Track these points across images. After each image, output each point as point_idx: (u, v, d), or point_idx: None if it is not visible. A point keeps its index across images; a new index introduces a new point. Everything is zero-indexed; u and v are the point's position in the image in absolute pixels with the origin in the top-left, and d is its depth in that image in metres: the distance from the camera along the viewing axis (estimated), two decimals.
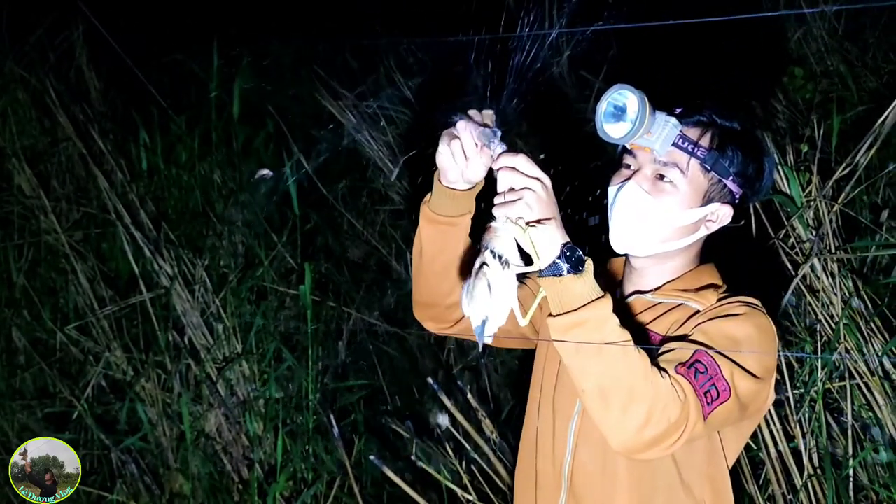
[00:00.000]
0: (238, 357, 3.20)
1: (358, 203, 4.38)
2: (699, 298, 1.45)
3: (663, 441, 1.20)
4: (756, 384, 1.31)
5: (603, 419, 1.22)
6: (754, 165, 1.45)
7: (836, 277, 2.46)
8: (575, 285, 1.20)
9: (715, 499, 1.45)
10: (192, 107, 4.06)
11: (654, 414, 1.17)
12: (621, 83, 1.35)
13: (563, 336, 1.21)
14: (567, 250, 1.20)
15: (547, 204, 1.21)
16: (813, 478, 2.31)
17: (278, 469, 2.96)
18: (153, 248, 3.30)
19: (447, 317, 1.56)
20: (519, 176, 1.22)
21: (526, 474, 1.57)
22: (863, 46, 3.84)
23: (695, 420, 1.21)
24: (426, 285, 1.53)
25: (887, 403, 2.35)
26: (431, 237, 1.45)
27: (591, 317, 1.19)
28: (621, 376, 1.19)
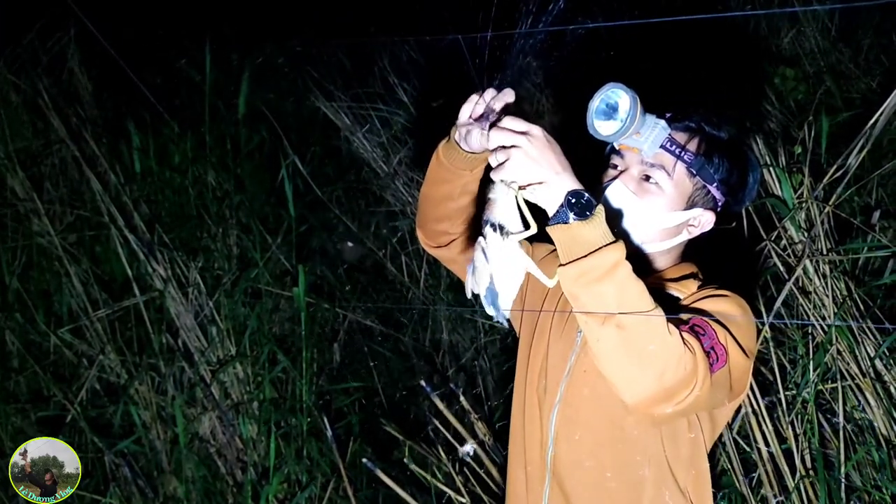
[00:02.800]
0: (232, 359, 3.20)
1: (353, 205, 4.38)
2: (681, 287, 1.47)
3: (677, 394, 1.17)
4: (745, 360, 1.33)
5: (619, 370, 1.18)
6: (739, 174, 1.48)
7: (828, 279, 2.47)
8: (583, 231, 1.17)
9: (696, 485, 1.46)
10: (185, 109, 4.06)
11: (671, 364, 1.15)
12: (615, 82, 1.36)
13: (575, 286, 1.17)
14: (572, 196, 1.17)
15: (540, 157, 1.20)
16: (805, 479, 2.32)
17: (272, 471, 2.96)
18: (147, 251, 3.30)
19: (433, 238, 1.67)
20: (507, 135, 1.21)
21: (517, 462, 1.58)
22: (855, 48, 3.85)
23: (703, 376, 1.18)
24: (424, 202, 1.62)
25: (879, 405, 2.35)
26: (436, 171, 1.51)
27: (601, 263, 1.15)
28: (638, 325, 1.14)
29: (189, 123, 3.89)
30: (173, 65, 4.32)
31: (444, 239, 1.64)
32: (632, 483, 1.43)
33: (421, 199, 1.62)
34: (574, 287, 1.17)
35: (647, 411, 1.20)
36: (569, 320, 1.53)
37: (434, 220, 1.61)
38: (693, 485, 1.46)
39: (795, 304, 2.54)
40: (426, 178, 1.56)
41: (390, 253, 4.12)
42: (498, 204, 1.21)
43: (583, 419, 1.46)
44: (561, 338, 1.52)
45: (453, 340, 3.90)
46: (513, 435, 1.62)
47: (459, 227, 1.61)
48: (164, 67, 4.33)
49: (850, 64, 3.81)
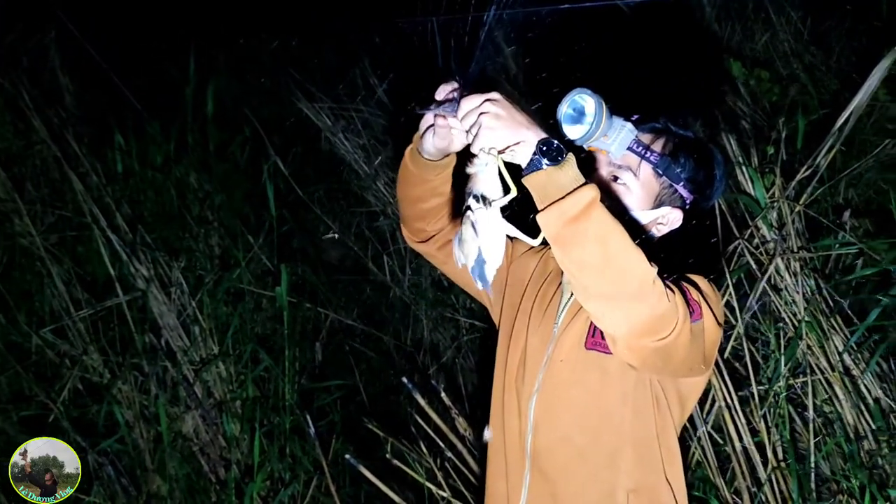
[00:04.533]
0: (215, 358, 3.22)
1: (334, 205, 4.41)
2: None
3: (660, 329, 1.21)
4: (716, 328, 1.38)
5: (603, 303, 1.23)
6: (705, 173, 1.53)
7: (799, 276, 2.53)
8: (557, 175, 1.21)
9: (669, 462, 1.52)
10: (167, 109, 4.07)
11: (655, 292, 1.19)
12: (581, 87, 1.41)
13: (555, 227, 1.20)
14: (543, 144, 1.22)
15: (506, 115, 1.25)
16: (777, 470, 2.38)
17: (255, 469, 2.98)
18: (129, 251, 3.30)
19: (416, 234, 1.72)
20: (470, 113, 1.28)
21: (496, 451, 1.62)
22: (826, 51, 3.94)
23: (683, 317, 1.23)
24: (401, 201, 1.68)
25: (847, 398, 2.42)
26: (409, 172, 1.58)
27: (578, 201, 1.19)
28: (619, 257, 1.19)
29: (171, 124, 3.90)
30: (156, 65, 4.32)
31: (423, 235, 1.71)
32: (609, 462, 1.49)
33: (398, 199, 1.70)
34: (554, 229, 1.21)
35: (634, 343, 1.24)
36: (546, 313, 1.57)
37: (411, 219, 1.69)
38: (665, 461, 1.51)
39: (768, 301, 2.60)
40: (399, 181, 1.63)
41: (371, 252, 4.15)
42: (479, 176, 1.26)
43: (561, 406, 1.51)
44: (539, 330, 1.57)
45: (434, 339, 3.94)
46: (492, 425, 1.66)
47: (435, 225, 1.67)
48: (147, 68, 4.34)
49: (823, 67, 3.90)
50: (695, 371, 1.45)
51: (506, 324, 1.68)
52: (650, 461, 1.51)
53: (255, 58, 4.64)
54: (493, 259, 1.28)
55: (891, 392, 2.44)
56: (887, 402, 2.42)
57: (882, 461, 2.32)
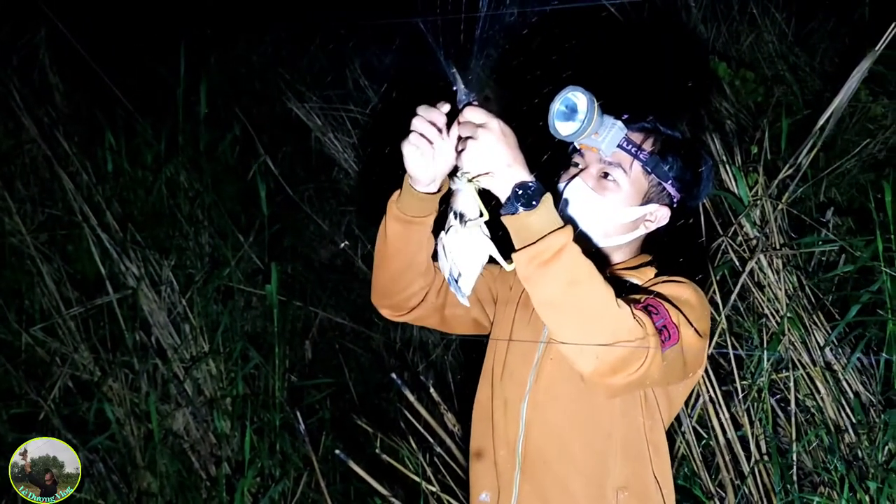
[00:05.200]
0: (205, 356, 3.24)
1: (324, 205, 4.43)
2: (638, 275, 1.56)
3: (629, 365, 1.25)
4: (698, 340, 1.41)
5: (573, 341, 1.26)
6: (692, 172, 1.57)
7: (782, 273, 2.58)
8: (531, 220, 1.24)
9: (657, 458, 1.54)
10: (158, 109, 4.08)
11: (621, 334, 1.23)
12: (574, 84, 1.44)
13: (528, 269, 1.25)
14: (519, 188, 1.25)
15: (491, 149, 1.25)
16: (760, 464, 2.42)
17: (246, 465, 3.00)
18: (119, 249, 3.32)
19: (404, 305, 1.63)
20: (467, 127, 1.28)
21: (483, 452, 1.63)
22: (810, 52, 3.99)
23: (654, 351, 1.26)
24: (387, 277, 1.59)
25: (829, 392, 2.46)
26: (397, 234, 1.50)
27: (549, 246, 1.23)
28: (586, 301, 1.24)
29: (162, 123, 3.91)
30: (147, 65, 4.33)
31: (416, 299, 1.63)
32: (599, 460, 1.51)
33: (382, 274, 1.59)
34: (526, 270, 1.25)
35: (602, 381, 1.28)
36: (534, 315, 1.58)
37: (404, 288, 1.59)
38: (654, 458, 1.54)
39: (751, 298, 2.64)
40: (384, 254, 1.54)
41: (361, 252, 4.18)
42: (459, 193, 1.28)
43: (552, 406, 1.53)
44: (527, 331, 1.60)
45: (423, 337, 3.97)
46: (478, 426, 1.67)
47: (432, 275, 1.61)
48: (138, 67, 4.35)
49: (807, 68, 3.95)
50: (674, 380, 1.49)
51: (495, 328, 1.70)
52: (639, 458, 1.53)
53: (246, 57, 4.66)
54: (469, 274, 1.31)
55: (871, 386, 2.49)
56: (867, 396, 2.46)
57: (862, 454, 2.36)
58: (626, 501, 1.50)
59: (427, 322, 1.70)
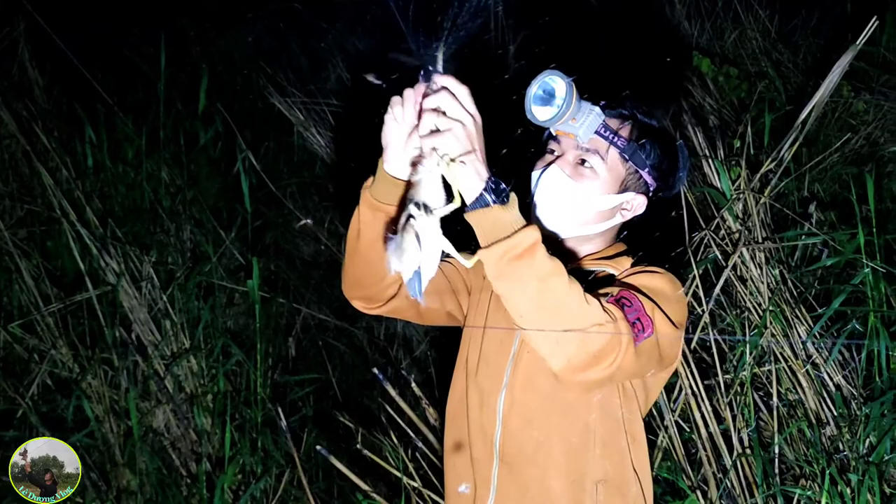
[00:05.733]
0: (186, 352, 3.21)
1: (307, 201, 4.41)
2: (615, 265, 1.55)
3: (600, 360, 1.24)
4: (674, 331, 1.40)
5: (541, 341, 1.25)
6: (669, 160, 1.56)
7: (764, 267, 2.58)
8: (503, 215, 1.23)
9: (635, 449, 1.54)
10: (139, 104, 4.04)
11: (591, 332, 1.22)
12: (552, 69, 1.42)
13: (498, 265, 1.23)
14: (492, 182, 1.24)
15: (474, 139, 1.24)
16: (742, 457, 2.42)
17: (226, 462, 2.98)
18: (99, 245, 3.28)
19: (378, 297, 1.58)
20: (455, 106, 1.24)
21: (460, 446, 1.62)
22: (794, 49, 4.01)
23: (626, 344, 1.25)
24: (361, 267, 1.53)
25: (810, 385, 2.47)
26: (370, 222, 1.45)
27: (521, 241, 1.22)
28: (557, 297, 1.22)
29: (143, 118, 3.88)
30: (128, 59, 4.29)
31: (390, 291, 1.57)
32: (577, 454, 1.50)
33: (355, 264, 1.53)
34: (496, 267, 1.23)
35: (574, 378, 1.26)
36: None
37: (378, 279, 1.53)
38: (632, 450, 1.53)
39: (734, 292, 2.64)
40: (359, 239, 1.48)
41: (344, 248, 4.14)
42: (422, 183, 1.25)
43: (530, 398, 1.51)
44: (503, 323, 1.56)
45: (407, 333, 3.95)
46: (454, 419, 1.65)
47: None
48: (119, 62, 4.31)
49: (790, 64, 3.97)
50: (648, 373, 1.47)
51: (470, 319, 1.68)
52: (617, 451, 1.52)
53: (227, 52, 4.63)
54: (428, 268, 1.27)
55: (852, 380, 2.49)
56: (849, 390, 2.46)
57: (843, 446, 2.36)
58: (605, 493, 1.49)
59: (402, 315, 1.66)
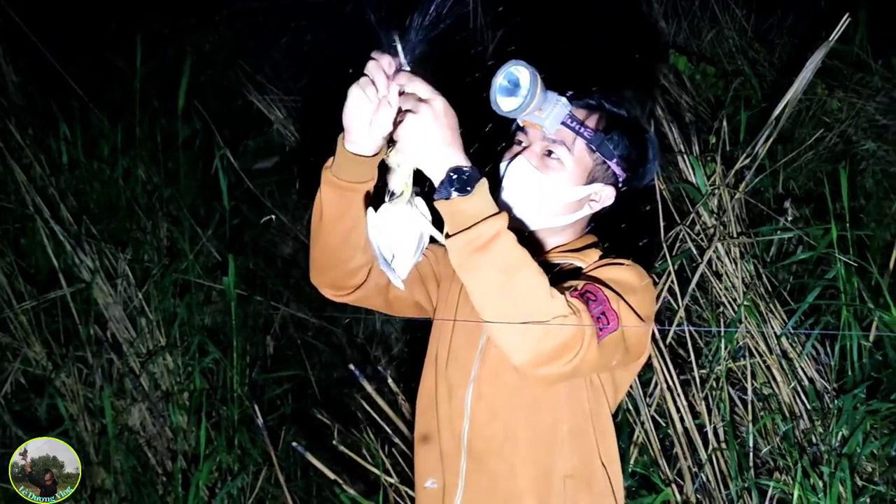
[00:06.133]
0: (162, 350, 3.18)
1: (286, 199, 4.39)
2: (582, 257, 1.53)
3: (562, 356, 1.22)
4: (640, 324, 1.38)
5: (503, 333, 1.23)
6: (637, 151, 1.54)
7: (739, 262, 2.59)
8: (465, 206, 1.21)
9: (604, 443, 1.53)
10: (116, 101, 4.01)
11: (553, 326, 1.20)
12: (517, 59, 1.41)
13: (460, 255, 1.22)
14: (453, 173, 1.21)
15: (431, 127, 1.20)
16: (717, 451, 2.43)
17: (201, 459, 2.95)
18: (74, 243, 3.25)
19: (345, 283, 1.55)
20: (408, 98, 1.22)
21: (429, 441, 1.60)
22: (770, 47, 4.05)
23: (589, 339, 1.23)
24: (325, 250, 1.49)
25: (785, 380, 2.49)
26: (332, 202, 1.42)
27: (482, 233, 1.20)
28: (519, 289, 1.20)
29: (119, 115, 3.84)
30: (103, 56, 4.25)
31: (357, 278, 1.54)
32: (546, 448, 1.48)
33: (319, 247, 1.49)
34: (459, 257, 1.22)
35: (535, 372, 1.25)
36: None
37: (343, 261, 1.50)
38: (600, 444, 1.52)
39: (709, 287, 2.66)
40: (322, 220, 1.44)
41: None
42: (396, 171, 1.24)
43: (497, 392, 1.50)
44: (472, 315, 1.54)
45: (386, 331, 3.95)
46: (423, 413, 1.63)
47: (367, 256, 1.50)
48: (94, 58, 4.27)
49: (766, 63, 4.00)
50: (620, 367, 1.46)
51: (439, 311, 1.66)
52: (585, 444, 1.51)
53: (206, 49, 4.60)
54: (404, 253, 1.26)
55: (825, 373, 2.52)
56: (822, 384, 2.49)
57: (816, 439, 2.38)
58: (573, 488, 1.48)
59: (371, 304, 1.63)
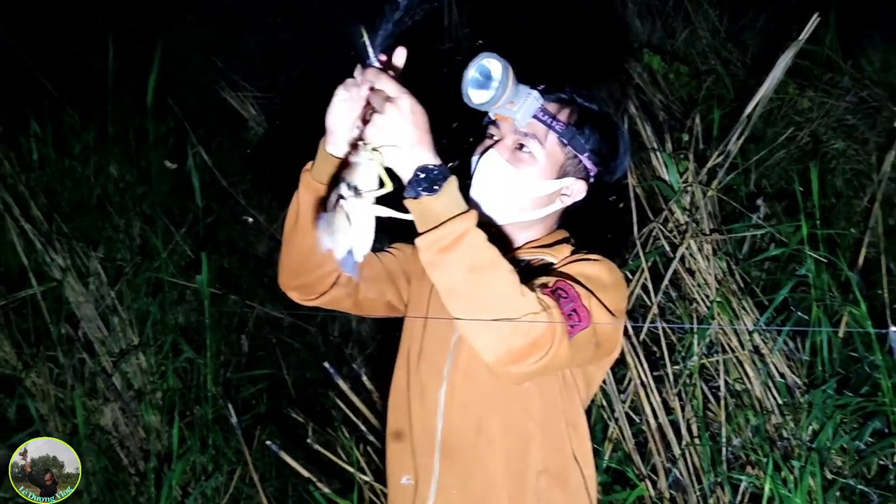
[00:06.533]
0: (135, 349, 3.15)
1: (261, 198, 4.36)
2: (554, 253, 1.53)
3: (533, 353, 1.21)
4: (611, 320, 1.38)
5: (474, 331, 1.22)
6: (608, 145, 1.54)
7: (711, 259, 2.61)
8: (433, 205, 1.20)
9: (576, 439, 1.53)
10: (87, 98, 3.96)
11: (523, 324, 1.19)
12: (489, 52, 1.41)
13: (429, 254, 1.21)
14: (420, 171, 1.20)
15: (399, 125, 1.20)
16: (690, 446, 2.45)
17: (174, 459, 2.93)
18: (45, 241, 3.21)
19: (315, 288, 1.54)
20: (377, 97, 1.22)
21: (401, 439, 1.59)
22: (742, 47, 4.09)
23: (560, 336, 1.23)
24: (298, 253, 1.48)
25: (756, 375, 2.51)
26: (310, 204, 1.41)
27: (450, 232, 1.19)
28: (489, 287, 1.20)
29: (91, 113, 3.80)
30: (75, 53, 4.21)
31: (328, 282, 1.52)
32: (518, 444, 1.48)
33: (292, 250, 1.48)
34: (428, 255, 1.21)
35: (506, 369, 1.24)
36: None
37: (316, 265, 1.49)
38: (573, 440, 1.52)
39: (682, 283, 2.68)
40: (297, 222, 1.43)
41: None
42: (359, 167, 1.22)
43: (470, 391, 1.49)
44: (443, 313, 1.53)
45: (362, 331, 3.93)
46: (396, 411, 1.62)
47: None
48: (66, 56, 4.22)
49: (738, 62, 4.04)
50: (587, 363, 1.46)
51: (410, 309, 1.65)
52: (557, 440, 1.51)
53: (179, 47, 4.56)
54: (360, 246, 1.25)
55: (796, 368, 2.54)
56: (793, 379, 2.51)
57: (787, 434, 2.41)
58: (546, 484, 1.48)
59: (341, 306, 1.61)
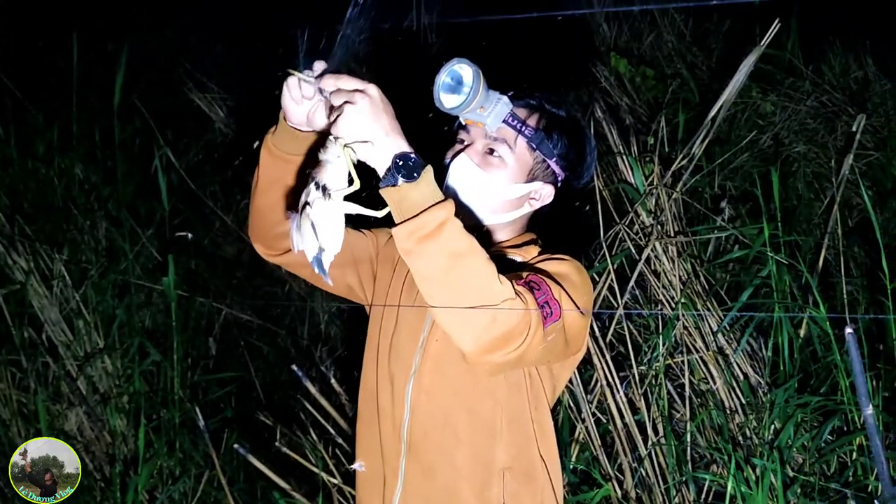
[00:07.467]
0: (100, 352, 3.12)
1: (230, 199, 4.33)
2: (522, 253, 1.55)
3: (510, 341, 1.22)
4: (580, 318, 1.41)
5: (451, 320, 1.23)
6: (576, 150, 1.58)
7: (676, 261, 2.65)
8: (412, 193, 1.21)
9: (543, 439, 1.55)
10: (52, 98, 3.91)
11: (501, 312, 1.20)
12: (461, 57, 1.43)
13: (408, 243, 1.21)
14: (399, 159, 1.21)
15: (370, 116, 1.21)
16: (656, 446, 2.48)
17: (140, 463, 2.90)
18: (6, 243, 3.17)
19: (275, 245, 1.60)
20: (341, 93, 1.23)
21: (369, 437, 1.61)
22: (707, 51, 4.15)
23: (535, 326, 1.24)
24: (258, 213, 1.55)
25: (721, 375, 2.55)
26: (268, 168, 1.47)
27: (430, 220, 1.20)
28: (467, 275, 1.21)
29: (55, 114, 3.75)
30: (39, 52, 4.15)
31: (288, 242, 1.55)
32: (485, 442, 1.50)
33: (255, 211, 1.57)
34: (406, 244, 1.22)
35: (483, 359, 1.25)
36: (418, 295, 1.55)
37: (273, 224, 1.55)
38: (539, 438, 1.54)
39: (648, 285, 2.71)
40: (257, 185, 1.51)
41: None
42: (328, 165, 1.23)
43: (438, 387, 1.51)
44: (411, 311, 1.56)
45: (331, 332, 3.93)
46: (364, 405, 1.64)
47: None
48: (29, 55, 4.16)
49: (703, 66, 4.10)
50: (556, 359, 1.48)
51: (377, 308, 1.66)
52: (524, 438, 1.53)
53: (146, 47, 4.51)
54: (330, 248, 1.26)
55: (759, 369, 2.59)
56: (756, 378, 2.56)
57: (750, 433, 2.45)
58: (511, 481, 1.50)
59: (299, 271, 1.64)
